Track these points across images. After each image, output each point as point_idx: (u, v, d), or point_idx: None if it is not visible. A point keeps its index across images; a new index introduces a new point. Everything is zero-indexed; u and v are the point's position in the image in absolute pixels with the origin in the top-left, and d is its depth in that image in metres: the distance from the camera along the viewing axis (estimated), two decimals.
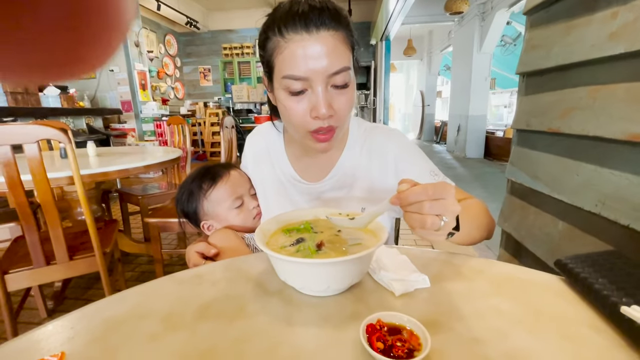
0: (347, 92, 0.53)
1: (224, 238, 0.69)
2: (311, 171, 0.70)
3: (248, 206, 0.75)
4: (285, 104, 0.54)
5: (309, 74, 0.50)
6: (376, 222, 0.49)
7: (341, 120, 0.55)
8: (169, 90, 6.79)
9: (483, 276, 0.48)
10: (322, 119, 0.52)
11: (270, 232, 0.50)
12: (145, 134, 5.11)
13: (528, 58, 0.86)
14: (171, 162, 1.72)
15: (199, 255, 0.64)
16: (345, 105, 0.54)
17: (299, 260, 0.38)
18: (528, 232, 0.87)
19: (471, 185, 3.96)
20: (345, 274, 0.41)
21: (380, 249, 0.51)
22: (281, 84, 0.53)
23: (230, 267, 0.52)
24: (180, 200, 0.76)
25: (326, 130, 0.54)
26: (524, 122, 0.88)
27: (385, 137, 0.67)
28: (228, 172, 0.76)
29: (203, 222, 0.75)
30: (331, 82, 0.51)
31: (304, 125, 0.54)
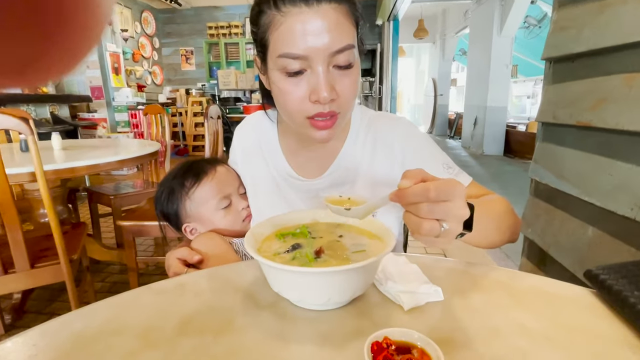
0: (351, 73, 0.53)
1: (209, 243, 0.69)
2: (308, 166, 0.70)
3: (236, 207, 0.75)
4: (280, 86, 0.54)
5: (309, 52, 0.50)
6: (383, 227, 0.49)
7: (344, 105, 0.55)
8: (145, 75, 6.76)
9: (503, 288, 0.48)
10: (322, 103, 0.52)
11: (263, 236, 0.50)
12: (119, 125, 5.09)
13: (555, 41, 0.87)
14: (148, 157, 1.71)
15: (181, 262, 0.64)
16: (349, 88, 0.54)
17: (295, 269, 0.38)
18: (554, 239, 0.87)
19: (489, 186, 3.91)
20: (347, 285, 0.41)
21: (388, 257, 0.51)
22: (276, 63, 0.52)
23: (216, 276, 0.52)
24: (159, 200, 0.76)
25: (327, 115, 0.54)
26: (550, 114, 0.88)
27: (392, 127, 0.68)
28: (214, 168, 0.76)
29: (185, 225, 0.75)
30: (333, 62, 0.51)
31: (301, 110, 0.54)
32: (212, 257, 0.66)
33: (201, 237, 0.71)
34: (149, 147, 1.81)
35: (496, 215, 0.57)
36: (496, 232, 0.56)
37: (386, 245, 0.45)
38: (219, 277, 0.52)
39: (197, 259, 0.64)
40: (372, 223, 0.52)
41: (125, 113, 5.06)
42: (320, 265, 0.42)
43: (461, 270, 0.53)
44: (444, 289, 0.46)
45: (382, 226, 0.50)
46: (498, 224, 0.56)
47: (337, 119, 0.55)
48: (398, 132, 0.67)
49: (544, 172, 0.92)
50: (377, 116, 0.71)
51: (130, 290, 0.48)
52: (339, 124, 0.57)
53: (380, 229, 0.49)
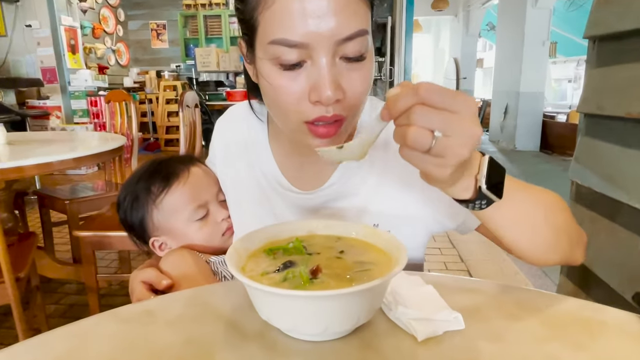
0: (363, 66, 0.51)
1: (180, 263, 0.68)
2: (305, 175, 0.68)
3: (215, 217, 0.74)
4: (272, 81, 0.51)
5: (310, 39, 0.47)
6: (393, 240, 0.49)
7: (353, 107, 0.52)
8: (108, 53, 6.76)
9: (536, 314, 0.49)
10: (325, 104, 0.49)
11: (248, 252, 0.50)
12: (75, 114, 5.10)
13: (600, 16, 0.87)
14: (111, 153, 1.72)
15: (146, 287, 0.64)
16: (359, 86, 0.51)
17: (287, 293, 0.39)
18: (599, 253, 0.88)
19: None
20: (349, 311, 0.41)
21: (398, 277, 0.51)
22: (267, 52, 0.50)
23: (194, 301, 0.53)
24: (122, 207, 0.76)
25: (330, 120, 0.51)
26: (593, 104, 0.89)
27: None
28: (187, 169, 0.75)
29: (153, 239, 0.75)
30: (341, 52, 0.49)
31: (298, 113, 0.52)
32: (185, 281, 0.65)
33: (171, 255, 0.71)
34: (112, 141, 1.81)
35: (543, 205, 0.52)
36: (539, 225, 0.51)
37: (397, 263, 0.45)
38: (197, 301, 0.52)
39: (166, 284, 0.63)
40: (380, 236, 0.52)
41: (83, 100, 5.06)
42: (317, 288, 0.42)
43: (486, 293, 0.54)
44: (465, 315, 0.46)
45: (392, 240, 0.50)
46: (542, 215, 0.51)
47: (342, 124, 0.53)
48: None
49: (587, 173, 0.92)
50: None
51: (91, 317, 0.49)
52: (344, 130, 0.54)
53: (390, 243, 0.50)
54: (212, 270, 0.70)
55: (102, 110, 4.96)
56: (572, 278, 1.03)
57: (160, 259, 0.72)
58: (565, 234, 0.54)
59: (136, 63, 7.45)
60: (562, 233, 0.54)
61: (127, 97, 2.45)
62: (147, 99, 6.25)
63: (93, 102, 5.05)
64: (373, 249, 0.51)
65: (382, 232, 0.52)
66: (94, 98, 5.05)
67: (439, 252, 2.60)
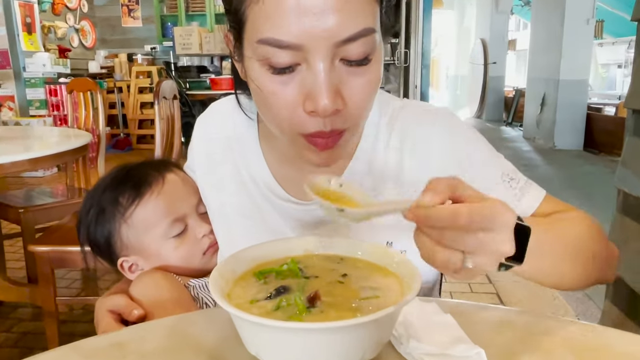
0: (368, 70, 0.52)
1: (153, 288, 0.69)
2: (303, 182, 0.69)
3: (194, 233, 0.75)
4: (262, 85, 0.52)
5: (304, 40, 0.47)
6: (405, 262, 0.50)
7: (355, 117, 0.54)
8: (70, 33, 6.79)
9: (571, 348, 0.49)
10: (322, 115, 0.50)
11: (235, 275, 0.51)
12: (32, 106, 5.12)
13: None
14: (73, 153, 1.73)
15: (114, 317, 0.65)
16: (363, 94, 0.52)
17: (280, 325, 0.40)
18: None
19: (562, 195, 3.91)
20: (353, 346, 0.42)
21: (411, 305, 0.52)
22: (256, 52, 0.51)
23: (171, 332, 0.53)
24: (84, 222, 0.76)
25: (328, 136, 0.53)
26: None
27: (428, 122, 0.68)
28: (162, 176, 0.76)
29: (122, 260, 0.75)
30: (341, 54, 0.50)
31: (291, 123, 0.53)
32: (159, 309, 0.66)
33: (143, 279, 0.71)
34: (75, 139, 1.83)
35: (570, 237, 0.57)
36: (569, 266, 0.57)
37: (409, 289, 0.46)
38: (174, 332, 0.53)
39: (138, 315, 0.64)
40: (389, 256, 0.53)
41: (41, 89, 5.09)
42: (315, 319, 0.43)
43: (514, 323, 0.54)
44: (489, 349, 0.47)
45: (403, 261, 0.51)
46: (573, 255, 0.57)
47: (342, 136, 0.54)
48: (437, 130, 0.67)
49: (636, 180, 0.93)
50: (406, 107, 0.70)
51: (49, 352, 0.49)
52: (346, 141, 0.56)
53: (401, 265, 0.51)
54: (192, 296, 0.71)
55: (63, 101, 4.99)
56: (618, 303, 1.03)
57: (129, 283, 0.73)
58: (596, 261, 0.59)
59: (103, 45, 7.48)
60: (594, 262, 0.58)
61: (93, 86, 2.47)
62: (117, 87, 6.28)
63: (52, 91, 5.08)
64: (381, 272, 0.52)
65: (392, 252, 0.53)
66: (54, 86, 5.08)
67: None
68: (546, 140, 6.61)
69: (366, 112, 0.56)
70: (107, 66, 6.78)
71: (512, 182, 0.65)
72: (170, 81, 2.20)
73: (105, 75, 6.50)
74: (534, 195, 0.65)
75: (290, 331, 0.40)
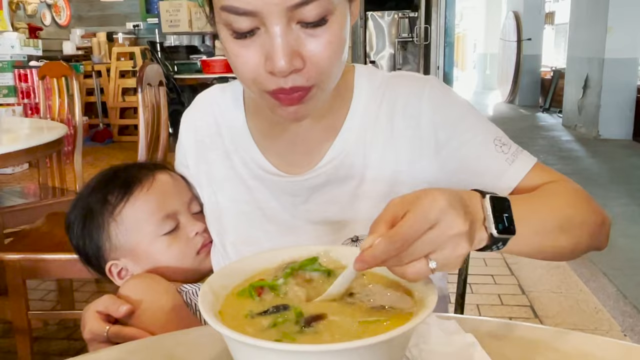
0: (325, 30, 0.59)
1: (143, 288, 0.72)
2: (293, 156, 0.76)
3: (186, 231, 0.79)
4: (228, 48, 0.61)
5: (258, 7, 0.55)
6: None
7: (318, 76, 0.61)
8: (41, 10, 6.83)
9: None
10: (280, 75, 0.58)
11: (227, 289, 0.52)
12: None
13: None
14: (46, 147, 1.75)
15: (101, 317, 0.67)
16: (323, 53, 0.59)
17: (277, 347, 0.40)
18: None
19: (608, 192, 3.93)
20: None
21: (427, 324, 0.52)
22: (221, 18, 0.59)
23: (156, 353, 0.54)
24: (72, 227, 0.80)
25: (290, 92, 0.60)
26: None
27: (416, 90, 0.74)
28: (152, 174, 0.80)
29: (110, 263, 0.79)
30: (297, 17, 0.57)
31: (256, 83, 0.61)
32: (148, 309, 0.69)
33: (133, 279, 0.75)
34: (48, 132, 1.85)
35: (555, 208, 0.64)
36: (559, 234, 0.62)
37: (422, 305, 0.47)
38: (159, 353, 0.54)
39: (125, 311, 0.67)
40: None
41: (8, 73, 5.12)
42: (316, 338, 0.44)
43: (544, 343, 0.55)
44: None
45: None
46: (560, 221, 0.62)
47: (308, 92, 0.61)
48: (425, 97, 0.73)
49: None
50: (392, 78, 0.77)
51: None
52: (315, 97, 0.63)
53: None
54: (184, 301, 0.73)
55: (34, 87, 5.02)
56: None
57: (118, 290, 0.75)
58: (583, 227, 0.65)
59: (80, 22, 7.52)
60: (581, 227, 0.65)
61: (68, 71, 2.48)
62: (95, 71, 6.30)
63: (22, 76, 5.11)
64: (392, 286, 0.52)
65: None
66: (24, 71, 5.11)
67: (492, 281, 2.60)
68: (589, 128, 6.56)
69: (332, 71, 0.62)
70: (84, 47, 6.80)
71: (504, 147, 0.71)
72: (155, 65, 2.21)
73: (82, 58, 6.53)
74: (525, 161, 0.72)
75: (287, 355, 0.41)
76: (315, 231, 0.74)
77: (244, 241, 0.76)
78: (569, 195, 0.67)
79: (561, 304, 2.38)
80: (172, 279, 0.76)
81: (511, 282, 2.58)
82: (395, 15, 7.24)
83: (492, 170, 0.70)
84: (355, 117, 0.74)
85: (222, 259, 0.78)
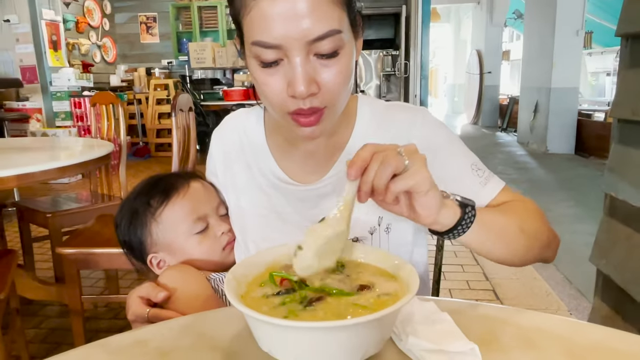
0: (337, 62, 0.60)
1: (178, 277, 0.73)
2: (305, 169, 0.77)
3: (214, 231, 0.80)
4: (256, 76, 0.62)
5: (283, 41, 0.57)
6: (403, 266, 0.51)
7: (330, 99, 0.62)
8: (93, 50, 6.87)
9: (560, 345, 0.50)
10: (300, 98, 0.59)
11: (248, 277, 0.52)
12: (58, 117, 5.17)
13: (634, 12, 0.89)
14: (97, 162, 1.75)
15: (142, 301, 0.68)
16: (334, 80, 0.61)
17: (288, 324, 0.41)
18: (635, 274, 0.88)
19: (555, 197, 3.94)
20: (356, 343, 0.43)
21: (411, 304, 0.53)
22: (251, 51, 0.60)
23: (189, 330, 0.54)
24: (120, 225, 0.81)
25: (308, 112, 0.61)
26: (628, 108, 0.90)
27: (408, 118, 0.75)
28: (187, 183, 0.82)
29: (151, 256, 0.80)
30: (314, 50, 0.58)
31: (280, 105, 0.62)
32: (182, 295, 0.70)
33: (170, 269, 0.76)
34: (98, 149, 1.85)
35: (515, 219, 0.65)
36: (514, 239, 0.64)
37: (408, 289, 0.47)
38: (192, 330, 0.54)
39: (162, 296, 0.68)
40: (389, 259, 0.54)
41: (66, 101, 5.14)
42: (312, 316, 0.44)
43: (505, 320, 0.55)
44: (483, 346, 0.48)
45: (402, 264, 0.52)
46: (517, 230, 0.64)
47: (322, 113, 0.63)
48: (416, 125, 0.74)
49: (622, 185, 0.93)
50: (389, 107, 0.78)
51: (78, 349, 0.51)
52: (327, 118, 0.64)
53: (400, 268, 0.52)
54: (212, 287, 0.74)
55: (86, 112, 5.04)
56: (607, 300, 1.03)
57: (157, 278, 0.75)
58: (537, 240, 0.67)
59: (124, 60, 7.55)
60: (534, 240, 0.66)
61: (114, 99, 2.49)
62: (136, 99, 6.32)
63: (77, 103, 5.13)
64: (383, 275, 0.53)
65: (392, 256, 0.54)
66: (78, 99, 5.13)
67: (462, 270, 2.59)
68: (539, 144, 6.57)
69: (341, 95, 0.63)
70: (127, 79, 6.83)
71: (479, 172, 0.73)
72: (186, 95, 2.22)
73: (125, 88, 6.55)
74: (496, 183, 0.73)
75: (298, 330, 0.41)
76: None
77: (262, 239, 0.77)
78: (528, 212, 0.68)
79: (518, 288, 2.37)
80: (202, 269, 0.77)
81: (477, 270, 2.58)
82: (380, 54, 7.28)
83: (469, 190, 0.70)
84: (358, 138, 0.75)
85: (243, 253, 0.79)
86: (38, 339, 1.93)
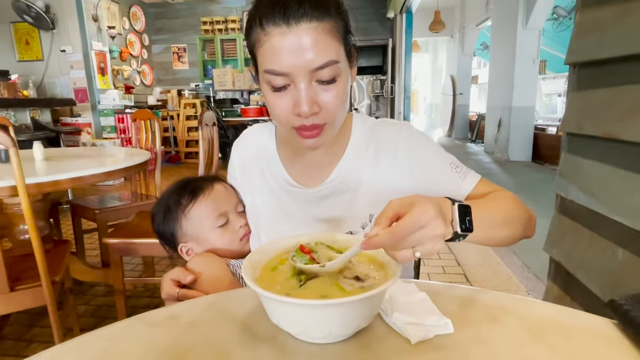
0: (335, 87, 0.61)
1: (203, 263, 0.74)
2: (308, 174, 0.77)
3: (234, 225, 0.80)
4: (268, 98, 0.63)
5: (290, 70, 0.58)
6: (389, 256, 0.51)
7: (329, 117, 0.63)
8: (134, 75, 6.88)
9: (520, 320, 0.50)
10: (303, 116, 0.60)
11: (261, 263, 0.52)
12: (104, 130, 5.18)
13: (579, 45, 0.89)
14: (136, 167, 1.74)
15: (174, 283, 0.69)
16: (332, 102, 0.61)
17: (292, 301, 0.41)
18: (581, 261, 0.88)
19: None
20: (350, 317, 0.43)
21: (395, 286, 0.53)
22: (264, 77, 0.61)
23: (213, 306, 0.55)
24: (156, 219, 0.82)
25: (310, 129, 0.62)
26: (574, 123, 0.90)
27: (394, 132, 0.75)
28: (211, 185, 0.82)
29: (181, 245, 0.81)
30: (316, 77, 0.59)
31: (287, 121, 0.63)
32: (206, 278, 0.70)
33: (196, 256, 0.76)
34: (137, 156, 1.85)
35: (500, 210, 0.64)
36: (500, 229, 0.62)
37: (393, 274, 0.47)
38: (215, 307, 0.55)
39: (190, 279, 0.69)
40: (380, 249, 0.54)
41: (111, 117, 5.15)
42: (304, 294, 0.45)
43: (474, 299, 0.55)
44: (455, 319, 0.48)
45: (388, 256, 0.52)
46: (503, 219, 0.63)
47: (322, 129, 0.63)
48: (401, 137, 0.74)
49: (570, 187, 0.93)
50: (378, 123, 0.78)
51: (121, 322, 0.51)
52: (326, 132, 0.65)
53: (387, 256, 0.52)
54: (232, 272, 0.74)
55: (128, 126, 5.05)
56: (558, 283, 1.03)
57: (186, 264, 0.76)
58: (519, 222, 0.66)
59: (159, 83, 7.57)
60: (517, 223, 0.66)
61: (152, 116, 2.49)
62: (169, 115, 6.34)
63: (120, 119, 5.14)
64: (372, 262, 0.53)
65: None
66: (121, 115, 5.13)
67: (438, 257, 2.59)
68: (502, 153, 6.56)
69: (338, 114, 0.64)
70: (162, 99, 6.84)
71: (457, 169, 0.72)
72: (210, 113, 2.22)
73: (160, 106, 6.56)
74: (473, 177, 0.73)
75: (302, 307, 0.42)
76: (323, 227, 0.75)
77: (273, 232, 0.77)
78: (507, 200, 0.67)
79: (485, 272, 2.37)
80: (223, 256, 0.77)
81: (451, 257, 2.57)
82: (371, 78, 7.30)
83: (450, 184, 0.71)
84: (352, 148, 0.75)
85: (257, 243, 0.79)
86: (87, 314, 1.93)
